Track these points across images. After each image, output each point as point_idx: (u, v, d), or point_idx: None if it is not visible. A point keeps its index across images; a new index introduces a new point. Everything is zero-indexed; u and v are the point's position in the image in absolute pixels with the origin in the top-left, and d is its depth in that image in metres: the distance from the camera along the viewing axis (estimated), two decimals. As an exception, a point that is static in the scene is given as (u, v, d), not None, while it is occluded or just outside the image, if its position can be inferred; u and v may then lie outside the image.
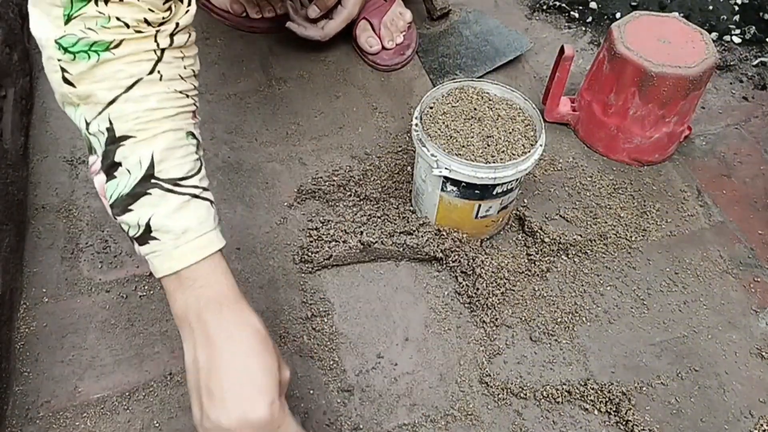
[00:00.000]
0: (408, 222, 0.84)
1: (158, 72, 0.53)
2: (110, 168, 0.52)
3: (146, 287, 0.79)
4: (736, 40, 1.17)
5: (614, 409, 0.71)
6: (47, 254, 0.81)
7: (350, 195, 0.88)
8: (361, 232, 0.82)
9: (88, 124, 0.52)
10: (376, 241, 0.81)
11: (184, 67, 0.58)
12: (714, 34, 1.17)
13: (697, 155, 0.99)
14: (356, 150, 0.96)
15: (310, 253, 0.82)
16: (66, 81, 0.51)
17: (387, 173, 0.91)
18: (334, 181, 0.90)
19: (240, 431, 0.49)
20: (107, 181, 0.53)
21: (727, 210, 0.92)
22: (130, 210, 0.52)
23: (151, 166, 0.52)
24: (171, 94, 0.54)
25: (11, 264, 0.76)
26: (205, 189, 0.56)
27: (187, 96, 0.58)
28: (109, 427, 0.67)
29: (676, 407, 0.72)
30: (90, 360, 0.72)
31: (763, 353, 0.77)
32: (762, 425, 0.71)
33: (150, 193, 0.52)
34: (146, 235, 0.52)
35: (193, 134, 0.57)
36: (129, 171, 0.52)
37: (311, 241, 0.83)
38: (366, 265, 0.83)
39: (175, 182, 0.53)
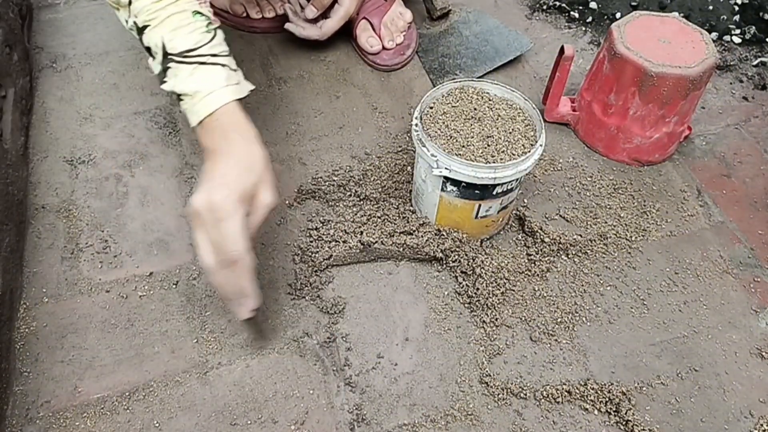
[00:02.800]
0: (408, 222, 0.84)
1: None
2: (148, 51, 0.68)
3: (146, 287, 0.79)
4: (736, 40, 1.17)
5: (614, 409, 0.71)
6: (47, 254, 0.81)
7: (350, 195, 0.88)
8: (361, 232, 0.82)
9: (126, 23, 0.68)
10: (376, 241, 0.81)
11: None
12: (714, 34, 1.17)
13: (697, 155, 0.99)
14: (356, 150, 0.96)
15: (310, 253, 0.82)
16: None
17: (387, 173, 0.91)
18: (334, 181, 0.90)
19: (199, 208, 0.62)
20: (153, 60, 0.68)
21: (727, 210, 0.92)
22: (165, 81, 0.67)
23: (164, 45, 0.65)
24: None
25: (11, 264, 0.76)
26: (214, 55, 0.67)
27: None
28: (109, 427, 0.67)
29: (676, 407, 0.72)
30: (90, 360, 0.72)
31: (763, 353, 0.77)
32: (762, 425, 0.71)
33: (170, 67, 0.66)
34: (177, 97, 0.67)
35: (200, 12, 0.68)
36: (156, 53, 0.67)
37: (311, 241, 0.83)
38: (366, 265, 0.83)
39: (184, 54, 0.66)
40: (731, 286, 0.83)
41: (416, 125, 0.77)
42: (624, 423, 0.70)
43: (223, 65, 0.68)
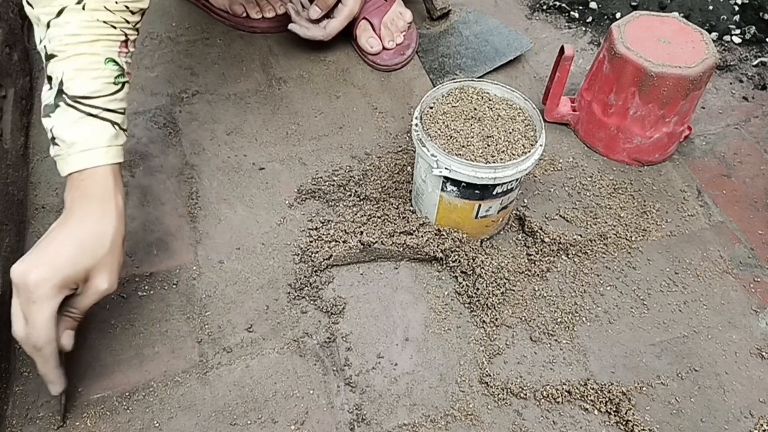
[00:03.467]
0: (408, 222, 0.84)
1: (83, 2, 0.61)
2: (48, 79, 0.63)
3: (146, 287, 0.79)
4: (736, 40, 1.17)
5: (614, 409, 0.71)
6: (47, 254, 0.81)
7: (350, 195, 0.88)
8: (361, 232, 0.82)
9: (39, 41, 0.63)
10: (376, 241, 0.81)
11: (116, 2, 0.63)
12: (714, 34, 1.17)
13: (697, 155, 0.99)
14: (356, 150, 0.96)
15: (310, 253, 0.82)
16: (27, 2, 0.62)
17: (387, 173, 0.91)
18: (334, 181, 0.90)
19: (16, 281, 0.58)
20: (49, 89, 0.63)
21: (727, 210, 0.92)
22: (48, 116, 0.62)
23: (62, 82, 0.61)
24: (93, 22, 0.62)
25: (11, 264, 0.76)
26: (110, 111, 0.64)
27: (114, 27, 0.64)
28: (109, 427, 0.67)
29: (676, 407, 0.72)
30: (90, 360, 0.72)
31: (763, 353, 0.77)
32: (762, 425, 0.71)
33: (59, 105, 0.62)
34: (53, 140, 0.63)
35: (114, 61, 0.64)
36: (53, 85, 0.62)
37: (311, 241, 0.83)
38: (366, 265, 0.83)
39: (76, 99, 0.62)
40: (731, 286, 0.83)
41: (416, 125, 0.77)
42: (624, 423, 0.70)
43: (114, 123, 0.64)
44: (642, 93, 0.88)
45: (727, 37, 1.18)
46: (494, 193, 0.77)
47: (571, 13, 1.20)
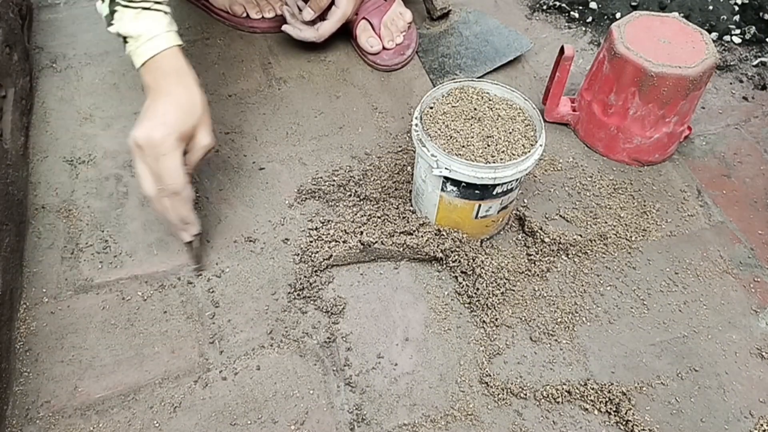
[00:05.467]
0: (408, 222, 0.84)
1: None
2: None
3: (146, 287, 0.79)
4: (736, 40, 1.17)
5: (614, 409, 0.71)
6: (47, 254, 0.81)
7: (350, 195, 0.88)
8: (361, 232, 0.82)
9: None
10: (376, 241, 0.81)
11: None
12: (714, 34, 1.17)
13: (697, 155, 0.99)
14: (356, 150, 0.96)
15: (310, 253, 0.82)
16: None
17: (387, 173, 0.91)
18: (334, 181, 0.90)
19: (140, 143, 0.68)
20: (102, 3, 0.70)
21: (727, 210, 0.92)
22: (112, 23, 0.70)
23: None
24: None
25: (11, 264, 0.76)
26: (157, 2, 0.71)
27: None
28: (109, 427, 0.67)
29: (676, 407, 0.72)
30: (90, 360, 0.72)
31: (763, 353, 0.77)
32: (762, 425, 0.71)
33: (116, 10, 0.70)
34: (123, 40, 0.71)
35: None
36: None
37: (311, 241, 0.83)
38: (366, 265, 0.83)
39: None
40: (731, 286, 0.83)
41: (416, 125, 0.77)
42: (624, 423, 0.70)
43: (165, 12, 0.72)
44: (642, 93, 0.88)
45: (727, 37, 1.18)
46: (494, 193, 0.77)
47: (571, 13, 1.20)
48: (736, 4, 1.23)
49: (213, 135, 0.73)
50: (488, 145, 0.77)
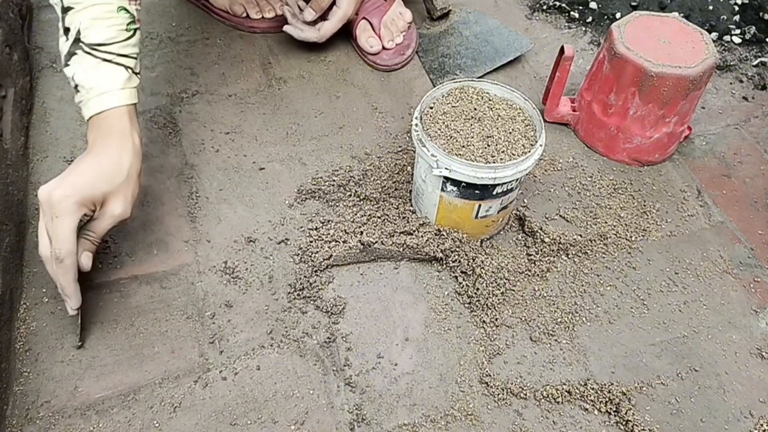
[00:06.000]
0: (408, 222, 0.84)
1: None
2: (65, 31, 0.70)
3: (146, 287, 0.79)
4: (736, 40, 1.17)
5: (614, 409, 0.71)
6: (47, 254, 0.81)
7: (350, 195, 0.88)
8: (361, 232, 0.82)
9: None
10: (376, 241, 0.81)
11: None
12: (714, 34, 1.17)
13: (697, 155, 0.99)
14: (356, 150, 0.96)
15: (310, 253, 0.82)
16: None
17: (387, 173, 0.91)
18: (334, 181, 0.90)
19: (42, 200, 0.66)
20: (65, 41, 0.70)
21: (727, 210, 0.92)
22: (68, 65, 0.70)
23: (79, 31, 0.68)
24: None
25: (11, 264, 0.76)
26: (123, 56, 0.70)
27: None
28: (109, 427, 0.67)
29: (676, 407, 0.72)
30: (90, 360, 0.72)
31: (763, 353, 0.77)
32: (762, 425, 0.71)
33: (77, 53, 0.69)
34: (75, 88, 0.70)
35: (125, 9, 0.70)
36: (69, 35, 0.69)
37: (311, 241, 0.83)
38: (366, 265, 0.83)
39: (93, 47, 0.68)
40: (731, 286, 0.83)
41: (416, 125, 0.77)
42: (624, 423, 0.70)
43: (127, 67, 0.71)
44: (642, 93, 0.88)
45: (727, 37, 1.18)
46: (494, 193, 0.77)
47: (571, 13, 1.20)
48: (736, 4, 1.23)
49: (129, 206, 0.70)
50: (488, 145, 0.77)
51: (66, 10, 0.69)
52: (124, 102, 0.70)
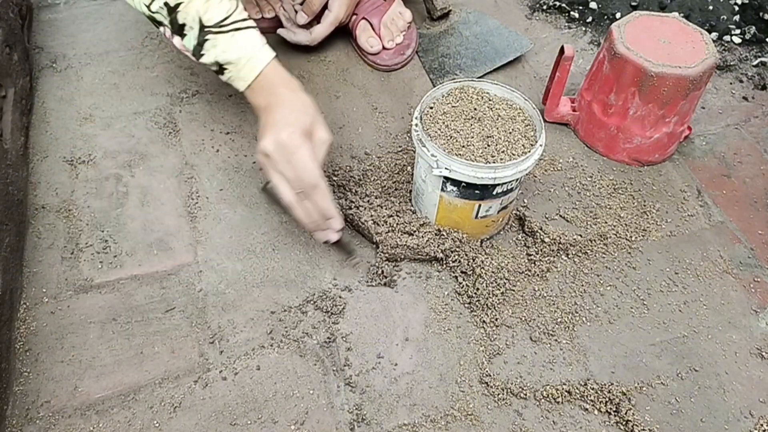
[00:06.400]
0: (408, 222, 0.83)
1: None
2: (180, 29, 0.73)
3: (146, 287, 0.79)
4: (736, 40, 1.17)
5: (614, 409, 0.71)
6: (47, 254, 0.81)
7: (350, 195, 0.88)
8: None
9: (148, 7, 0.73)
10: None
11: None
12: (714, 34, 1.17)
13: (697, 155, 0.99)
14: (356, 150, 0.96)
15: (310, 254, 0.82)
16: None
17: (387, 173, 0.91)
18: (334, 181, 0.90)
19: (269, 150, 0.69)
20: (182, 39, 0.74)
21: (727, 210, 0.92)
22: (203, 54, 0.73)
23: (200, 19, 0.71)
24: None
25: (11, 264, 0.76)
26: (244, 20, 0.73)
27: None
28: (109, 427, 0.67)
29: (676, 407, 0.72)
30: (90, 360, 0.72)
31: (763, 353, 0.77)
32: (762, 425, 0.71)
33: (208, 39, 0.72)
34: (220, 68, 0.74)
35: None
36: (191, 27, 0.72)
37: (311, 241, 0.83)
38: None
39: (220, 24, 0.71)
40: (731, 286, 0.83)
41: (416, 125, 0.77)
42: (624, 423, 0.70)
43: (255, 27, 0.74)
44: (642, 93, 0.88)
45: (727, 37, 1.18)
46: (494, 193, 0.77)
47: (571, 13, 1.20)
48: (736, 4, 1.23)
49: (328, 130, 0.74)
50: (488, 145, 0.77)
51: (174, 9, 0.71)
52: (271, 56, 0.74)
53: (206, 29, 0.71)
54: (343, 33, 1.07)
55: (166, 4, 0.72)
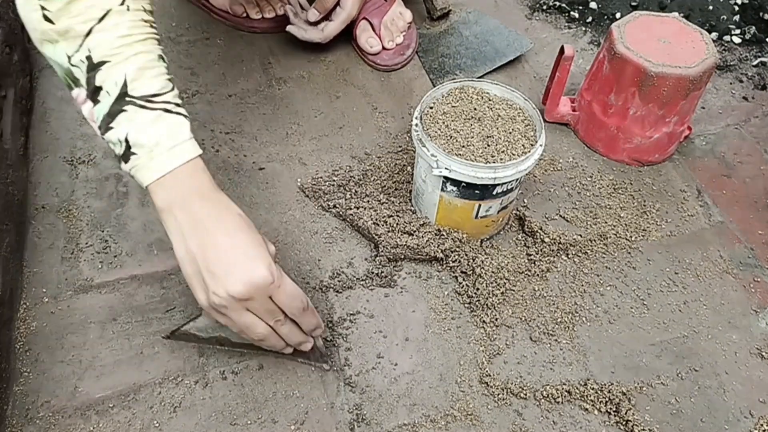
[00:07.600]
0: (408, 222, 0.83)
1: (126, 3, 0.58)
2: (94, 93, 0.58)
3: (147, 287, 0.79)
4: (736, 40, 1.17)
5: (614, 409, 0.71)
6: (47, 254, 0.81)
7: (350, 195, 0.88)
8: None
9: (69, 58, 0.58)
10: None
11: (148, 2, 0.62)
12: (714, 34, 1.17)
13: (697, 155, 0.99)
14: (356, 150, 0.96)
15: (310, 253, 0.82)
16: (46, 18, 0.56)
17: (387, 173, 0.91)
18: (334, 181, 0.90)
19: (248, 295, 0.58)
20: (94, 106, 0.59)
21: (727, 210, 0.92)
22: (111, 128, 0.58)
23: (125, 85, 0.57)
24: (138, 22, 0.59)
25: (11, 264, 0.76)
26: (177, 105, 0.61)
27: (152, 25, 0.62)
28: (109, 427, 0.67)
29: (676, 407, 0.72)
30: (90, 360, 0.72)
31: (763, 353, 0.77)
32: (762, 425, 0.71)
33: (126, 110, 0.58)
34: (127, 151, 0.58)
35: (162, 57, 0.62)
36: (108, 92, 0.58)
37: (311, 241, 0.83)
38: (366, 265, 0.83)
39: (147, 99, 0.58)
40: (731, 286, 0.83)
41: (416, 125, 0.77)
42: (624, 423, 0.70)
43: (185, 116, 0.61)
44: (642, 93, 0.88)
45: (727, 37, 1.18)
46: (494, 193, 0.77)
47: (571, 13, 1.20)
48: (736, 4, 1.23)
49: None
50: (488, 145, 0.77)
51: (95, 67, 0.57)
52: (198, 152, 0.61)
53: (128, 98, 0.57)
54: (344, 33, 1.07)
55: (88, 58, 0.57)
